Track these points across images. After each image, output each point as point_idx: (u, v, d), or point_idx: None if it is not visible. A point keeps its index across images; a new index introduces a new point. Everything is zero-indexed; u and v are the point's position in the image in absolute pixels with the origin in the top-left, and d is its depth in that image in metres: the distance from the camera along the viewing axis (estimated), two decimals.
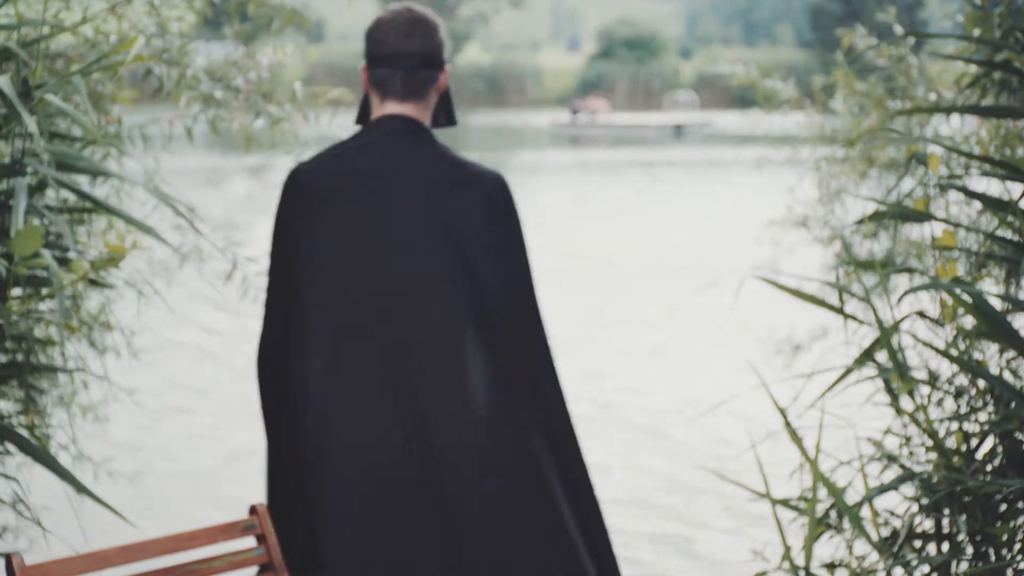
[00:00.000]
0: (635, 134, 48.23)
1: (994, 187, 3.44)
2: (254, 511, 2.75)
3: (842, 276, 4.99)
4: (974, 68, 3.73)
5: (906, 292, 3.03)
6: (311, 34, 4.39)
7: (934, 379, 3.15)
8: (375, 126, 2.67)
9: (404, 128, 2.64)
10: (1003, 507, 2.96)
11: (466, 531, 2.54)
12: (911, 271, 3.39)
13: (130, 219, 3.22)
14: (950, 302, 3.04)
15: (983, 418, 3.07)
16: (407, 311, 2.57)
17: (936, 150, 3.93)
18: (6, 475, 3.61)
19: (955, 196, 3.78)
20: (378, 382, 2.56)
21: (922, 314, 3.18)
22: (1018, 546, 2.95)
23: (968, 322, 3.14)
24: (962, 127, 4.75)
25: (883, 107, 5.39)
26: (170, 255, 4.85)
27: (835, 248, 6.05)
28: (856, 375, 3.15)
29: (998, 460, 3.03)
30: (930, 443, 3.08)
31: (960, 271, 3.38)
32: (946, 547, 3.01)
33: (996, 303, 3.12)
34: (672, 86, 67.47)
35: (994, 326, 2.92)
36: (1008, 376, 3.12)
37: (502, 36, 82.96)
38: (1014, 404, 2.95)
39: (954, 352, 3.08)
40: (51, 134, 3.45)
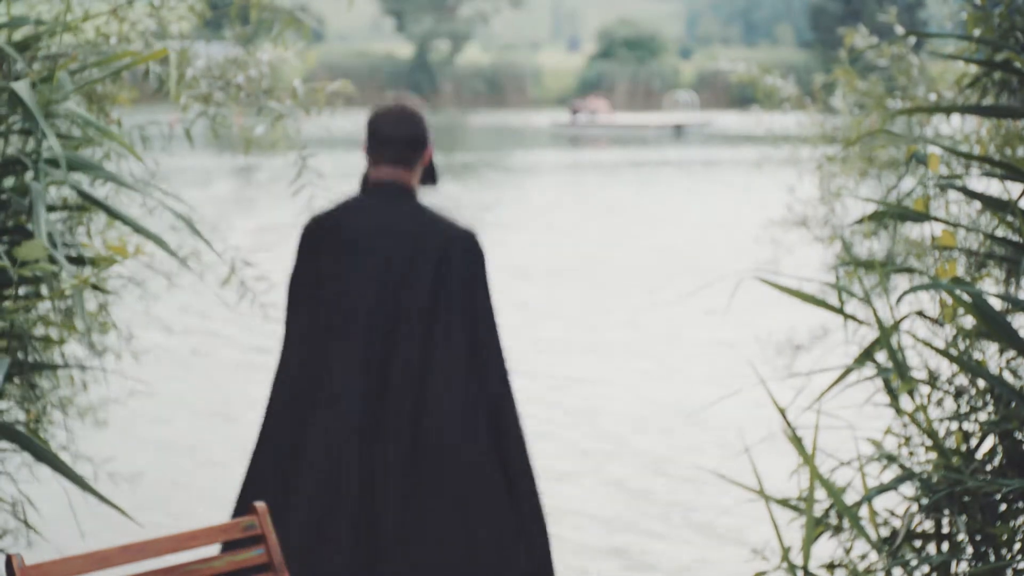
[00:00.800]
0: (635, 134, 48.23)
1: (994, 187, 3.44)
2: (254, 511, 2.75)
3: (842, 276, 4.99)
4: (974, 68, 3.73)
5: (906, 292, 3.03)
6: (311, 34, 4.39)
7: (934, 379, 3.15)
8: (372, 190, 3.39)
9: (393, 191, 3.36)
10: (1003, 507, 2.96)
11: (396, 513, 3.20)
12: (911, 271, 3.39)
13: (138, 226, 3.23)
14: (950, 302, 3.04)
15: (983, 418, 3.07)
16: (382, 331, 3.26)
17: (936, 150, 3.93)
18: (9, 475, 3.61)
19: (955, 196, 3.78)
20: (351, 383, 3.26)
21: (922, 314, 3.18)
22: (1018, 546, 2.95)
23: (968, 322, 3.14)
24: (962, 127, 4.75)
25: (883, 106, 5.38)
26: (169, 257, 4.84)
27: (835, 248, 6.04)
28: (856, 375, 3.15)
29: (998, 460, 3.03)
30: (930, 443, 3.08)
31: (960, 271, 3.38)
32: (946, 547, 3.00)
33: (996, 303, 3.12)
34: (672, 86, 67.47)
35: (994, 326, 2.92)
36: (1008, 376, 3.12)
37: (502, 36, 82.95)
38: (1014, 404, 2.95)
39: (954, 352, 3.08)
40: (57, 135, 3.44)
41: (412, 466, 3.19)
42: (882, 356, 3.10)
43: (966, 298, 2.95)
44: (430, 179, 3.53)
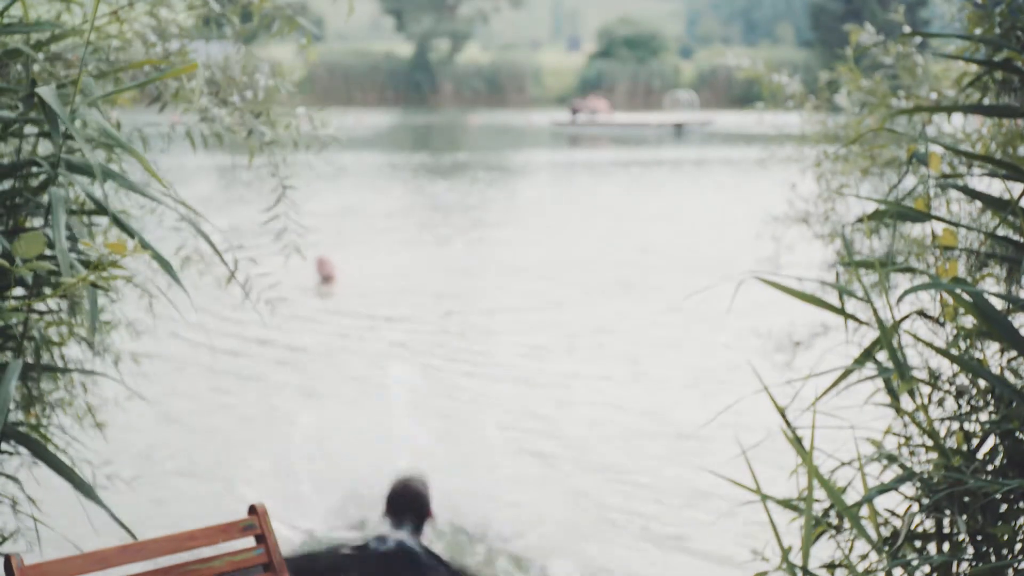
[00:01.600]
0: (635, 133, 48.23)
1: (995, 186, 3.43)
2: (253, 511, 2.74)
3: (843, 275, 4.98)
4: (975, 67, 3.73)
5: (907, 291, 3.02)
6: (311, 34, 4.38)
7: (934, 379, 3.14)
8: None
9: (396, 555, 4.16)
10: (1004, 507, 2.95)
11: None
12: (912, 270, 3.38)
13: (144, 242, 3.21)
14: (951, 301, 3.04)
15: (984, 418, 3.06)
16: None
17: (937, 149, 3.92)
18: (11, 476, 3.60)
19: (956, 195, 3.77)
20: None
21: (923, 313, 3.17)
22: (1019, 546, 2.94)
23: (969, 322, 3.13)
24: (964, 126, 4.74)
25: (887, 104, 5.37)
26: (171, 257, 4.83)
27: (836, 246, 6.03)
28: (856, 375, 3.14)
29: (999, 460, 3.03)
30: (930, 443, 3.07)
31: (961, 270, 3.38)
32: (946, 547, 3.00)
33: (997, 303, 3.11)
34: (672, 85, 67.45)
35: (995, 326, 2.91)
36: (1009, 376, 3.11)
37: (502, 35, 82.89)
38: (1015, 404, 2.94)
39: (955, 352, 3.07)
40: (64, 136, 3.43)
41: None
42: (883, 356, 3.09)
43: (967, 298, 2.94)
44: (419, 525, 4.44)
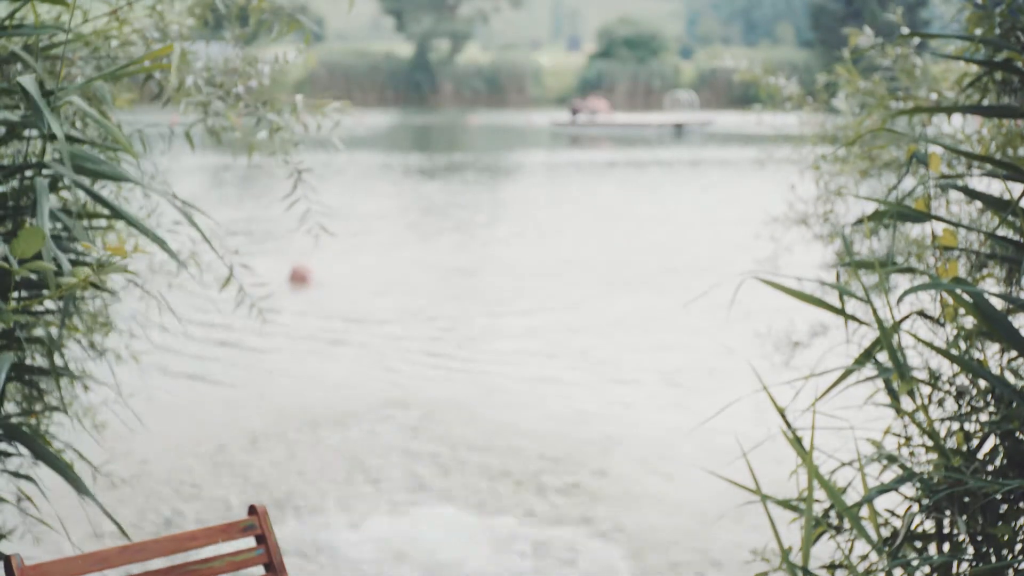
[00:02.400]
0: (635, 133, 48.22)
1: (995, 187, 3.43)
2: (254, 511, 2.74)
3: (842, 275, 4.98)
4: (975, 68, 3.72)
5: (906, 292, 3.02)
6: (311, 34, 4.38)
7: (935, 379, 3.14)
8: None
9: None
10: (1004, 507, 2.95)
11: None
12: (912, 271, 3.38)
13: (144, 228, 3.21)
14: (951, 302, 3.04)
15: (984, 418, 3.06)
16: None
17: (937, 150, 3.92)
18: (18, 474, 3.60)
19: (956, 196, 3.77)
20: None
21: (923, 314, 3.18)
22: (1019, 547, 2.94)
23: (969, 322, 3.13)
24: (963, 127, 4.74)
25: (885, 106, 5.37)
26: (166, 259, 4.84)
27: (835, 247, 6.03)
28: (856, 375, 3.14)
29: (999, 460, 3.03)
30: (930, 443, 3.07)
31: (961, 271, 3.38)
32: (946, 548, 3.00)
33: (997, 303, 3.11)
34: (672, 85, 67.44)
35: (995, 326, 2.91)
36: (1009, 376, 3.11)
37: (502, 35, 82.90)
38: (1015, 404, 2.94)
39: (955, 352, 3.07)
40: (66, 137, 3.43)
41: None
42: (883, 356, 3.09)
43: (967, 298, 2.94)
44: None
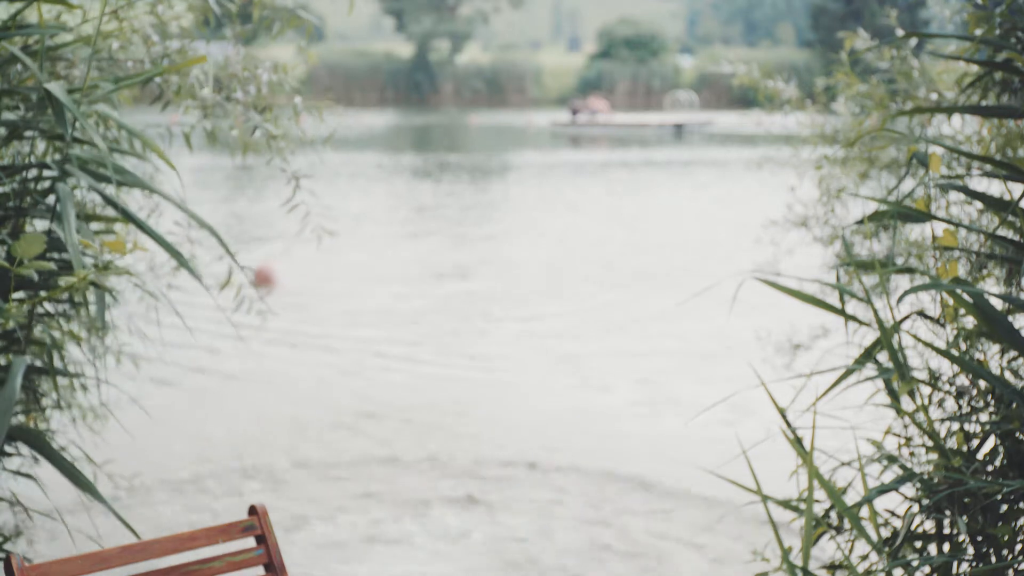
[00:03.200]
0: (635, 134, 48.20)
1: (995, 187, 3.43)
2: (254, 511, 2.74)
3: (843, 276, 4.98)
4: (975, 68, 3.73)
5: (907, 292, 3.02)
6: (311, 35, 4.37)
7: (935, 379, 3.14)
8: None
9: None
10: (1004, 508, 2.95)
11: None
12: (912, 271, 3.38)
13: (160, 238, 3.20)
14: (951, 302, 3.04)
15: (984, 418, 3.06)
16: None
17: (937, 150, 3.92)
18: (22, 474, 3.60)
19: (956, 196, 3.77)
20: None
21: (923, 314, 3.18)
22: (1019, 547, 2.94)
23: (969, 322, 3.13)
24: (963, 127, 4.74)
25: (884, 107, 5.37)
26: (167, 262, 4.84)
27: (836, 248, 6.03)
28: (857, 375, 3.14)
29: (999, 461, 3.03)
30: (931, 444, 3.07)
31: (961, 271, 3.38)
32: (947, 548, 3.00)
33: (997, 303, 3.11)
34: (672, 86, 67.43)
35: (995, 326, 2.91)
36: (1009, 376, 3.11)
37: (502, 35, 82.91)
38: (1015, 404, 2.94)
39: (955, 352, 3.07)
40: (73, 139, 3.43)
41: None
42: (883, 356, 3.09)
43: (967, 298, 2.94)
44: None
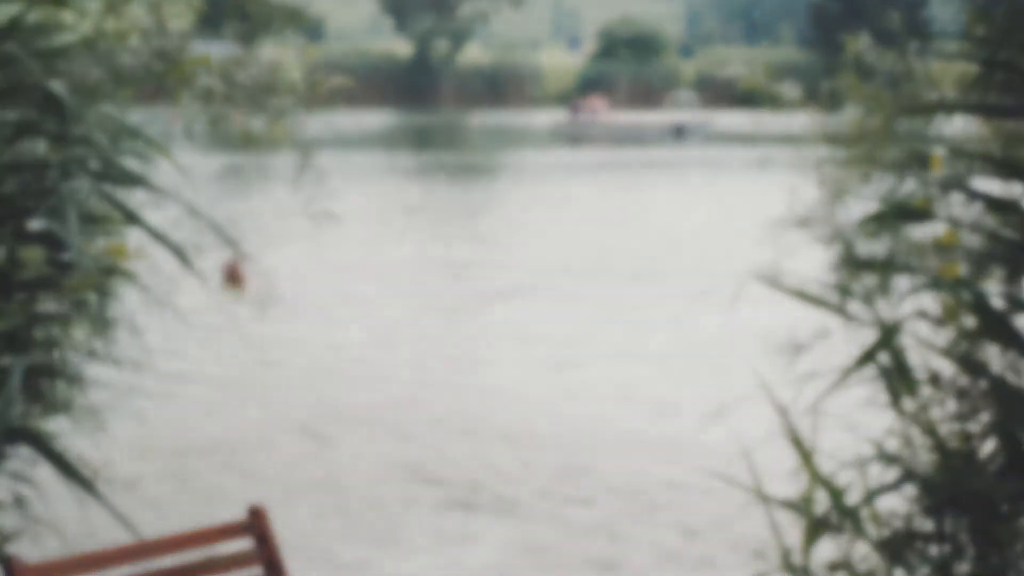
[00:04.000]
0: (635, 133, 48.19)
1: (996, 187, 3.43)
2: (254, 512, 2.74)
3: (844, 276, 4.96)
4: (976, 68, 3.72)
5: (908, 292, 3.02)
6: (310, 33, 4.37)
7: (936, 380, 3.14)
8: None
9: None
10: (1005, 508, 2.94)
11: None
12: (913, 271, 3.37)
13: (168, 241, 3.19)
14: (952, 302, 3.03)
15: (984, 418, 3.06)
16: None
17: (938, 150, 3.91)
18: (15, 475, 3.60)
19: (957, 196, 3.76)
20: None
21: (924, 314, 3.17)
22: (1020, 547, 2.93)
23: (970, 322, 3.12)
24: (965, 127, 4.72)
25: (886, 107, 5.35)
26: (167, 261, 4.81)
27: (837, 248, 6.01)
28: (858, 375, 3.14)
29: (1000, 461, 3.02)
30: (931, 444, 3.06)
31: (962, 271, 3.37)
32: (947, 548, 2.99)
33: (998, 303, 3.11)
34: (672, 85, 67.38)
35: (995, 326, 2.91)
36: (1009, 376, 3.10)
37: (502, 35, 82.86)
38: (1015, 404, 2.94)
39: (956, 353, 3.06)
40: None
41: None
42: (884, 357, 3.08)
43: (968, 298, 2.93)
44: None
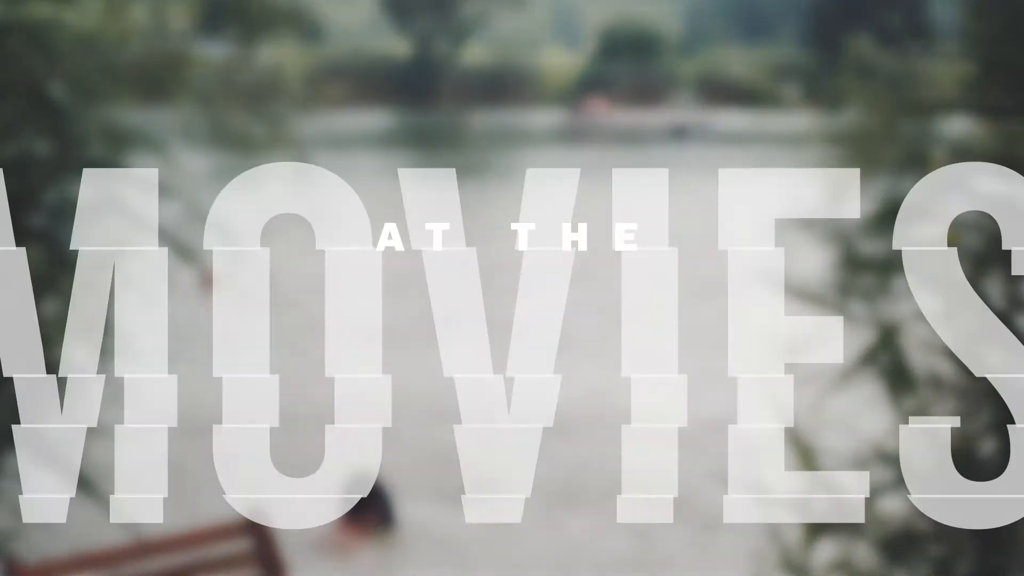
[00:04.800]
0: (635, 133, 48.24)
1: (996, 187, 3.43)
2: (254, 513, 2.74)
3: (844, 276, 4.97)
4: (976, 68, 3.72)
5: (907, 292, 3.02)
6: (311, 35, 4.37)
7: (935, 379, 3.14)
8: None
9: None
10: None
11: None
12: (913, 271, 3.37)
13: (172, 238, 3.19)
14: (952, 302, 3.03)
15: (984, 418, 3.06)
16: None
17: (938, 150, 3.92)
18: (20, 478, 3.60)
19: (957, 196, 3.76)
20: None
21: (924, 314, 3.17)
22: (1020, 547, 2.94)
23: (970, 322, 3.12)
24: (963, 127, 4.73)
25: (886, 107, 5.36)
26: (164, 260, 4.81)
27: (837, 248, 6.02)
28: (858, 375, 3.14)
29: (1000, 461, 3.02)
30: (931, 444, 3.06)
31: (962, 271, 3.37)
32: (947, 548, 2.99)
33: (998, 303, 3.11)
34: (672, 85, 67.44)
35: (995, 326, 2.91)
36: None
37: (502, 35, 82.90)
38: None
39: (956, 352, 3.06)
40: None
41: None
42: (884, 356, 3.08)
43: (968, 298, 2.94)
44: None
